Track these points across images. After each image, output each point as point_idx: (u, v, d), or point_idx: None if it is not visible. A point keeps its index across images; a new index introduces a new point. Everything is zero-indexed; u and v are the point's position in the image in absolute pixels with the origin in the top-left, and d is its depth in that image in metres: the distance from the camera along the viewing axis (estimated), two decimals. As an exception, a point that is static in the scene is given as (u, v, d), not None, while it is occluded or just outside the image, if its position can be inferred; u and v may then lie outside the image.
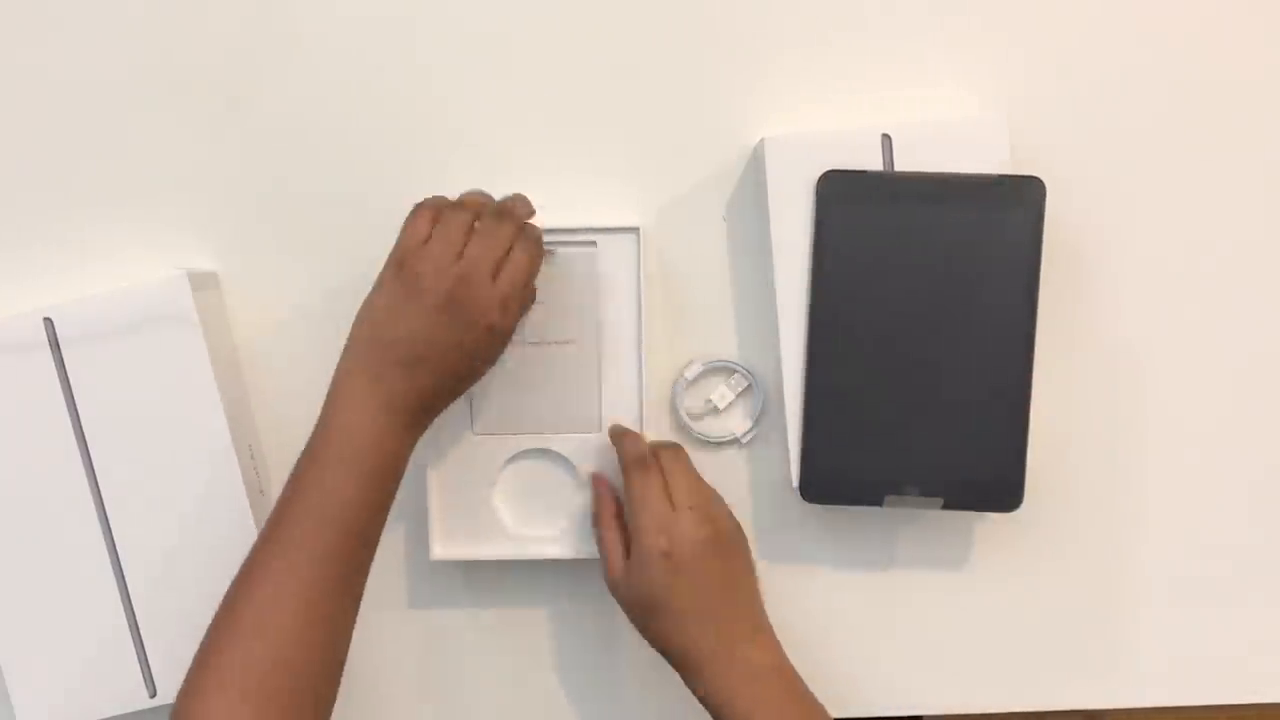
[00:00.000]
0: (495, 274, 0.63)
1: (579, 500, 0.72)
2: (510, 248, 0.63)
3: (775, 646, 0.67)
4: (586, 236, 0.70)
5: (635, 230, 0.69)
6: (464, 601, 0.75)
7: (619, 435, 0.70)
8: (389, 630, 0.74)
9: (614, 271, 0.70)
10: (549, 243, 0.69)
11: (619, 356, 0.70)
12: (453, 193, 0.67)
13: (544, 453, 0.71)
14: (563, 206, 0.71)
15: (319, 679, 0.60)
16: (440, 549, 0.71)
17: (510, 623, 0.75)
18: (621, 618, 0.67)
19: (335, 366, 0.63)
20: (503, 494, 0.72)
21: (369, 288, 0.71)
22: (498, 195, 0.71)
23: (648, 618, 0.67)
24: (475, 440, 0.71)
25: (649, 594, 0.66)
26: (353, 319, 0.63)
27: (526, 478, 0.72)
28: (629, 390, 0.70)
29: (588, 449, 0.71)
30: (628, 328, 0.70)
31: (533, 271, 0.65)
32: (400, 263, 0.63)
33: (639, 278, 0.70)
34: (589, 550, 0.71)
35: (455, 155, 0.72)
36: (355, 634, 0.63)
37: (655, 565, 0.65)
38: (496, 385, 0.71)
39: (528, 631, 0.75)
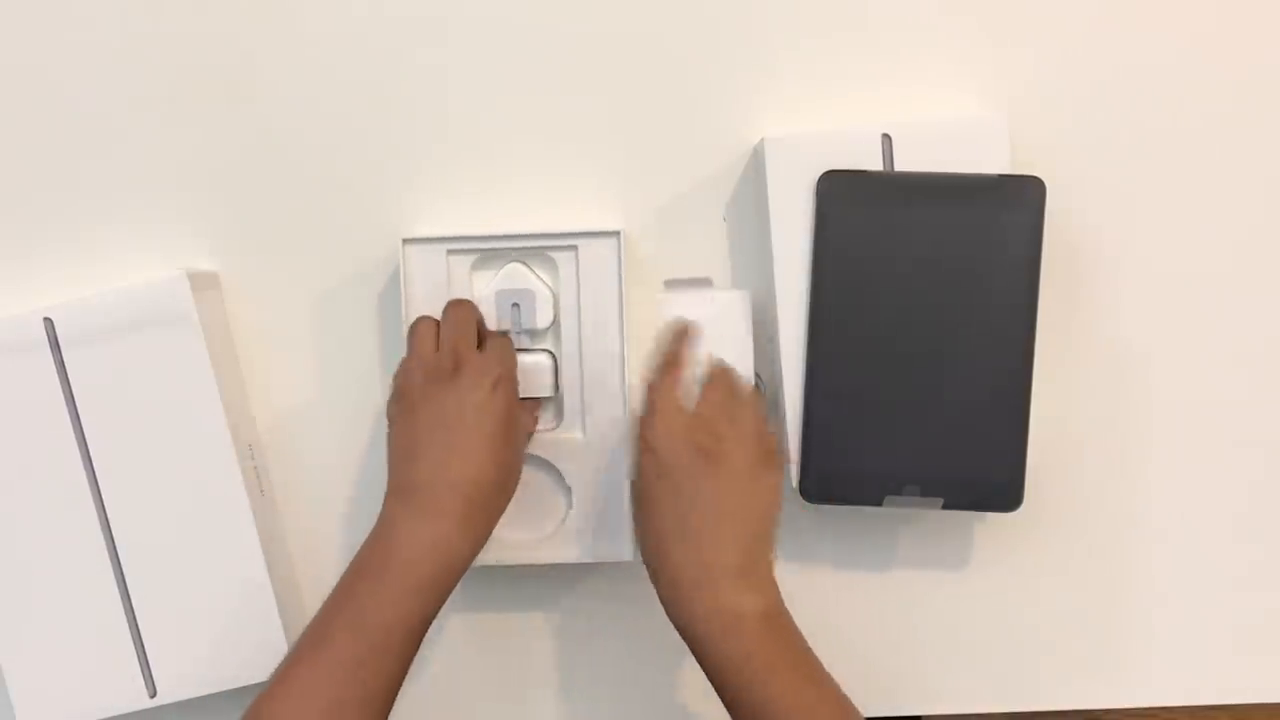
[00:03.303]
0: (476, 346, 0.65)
1: (564, 505, 0.71)
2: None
3: (768, 590, 0.61)
4: (568, 241, 0.69)
5: (616, 234, 0.69)
6: (450, 608, 0.74)
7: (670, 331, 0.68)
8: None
9: (596, 276, 0.69)
10: (532, 248, 0.69)
11: (603, 360, 0.70)
12: (452, 190, 0.66)
13: (528, 457, 0.71)
14: (561, 207, 0.71)
15: None
16: None
17: (497, 629, 0.75)
18: (612, 622, 0.66)
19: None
20: None
21: (368, 288, 0.71)
22: (498, 197, 0.72)
23: (636, 523, 0.64)
24: None
25: (636, 494, 0.63)
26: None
27: None
28: (613, 395, 0.70)
29: (572, 453, 0.71)
30: (611, 332, 0.70)
31: (507, 355, 0.66)
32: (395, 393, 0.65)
33: (620, 281, 0.69)
34: (575, 555, 0.71)
35: (456, 156, 0.72)
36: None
37: (641, 460, 0.63)
38: None
39: (514, 638, 0.75)
